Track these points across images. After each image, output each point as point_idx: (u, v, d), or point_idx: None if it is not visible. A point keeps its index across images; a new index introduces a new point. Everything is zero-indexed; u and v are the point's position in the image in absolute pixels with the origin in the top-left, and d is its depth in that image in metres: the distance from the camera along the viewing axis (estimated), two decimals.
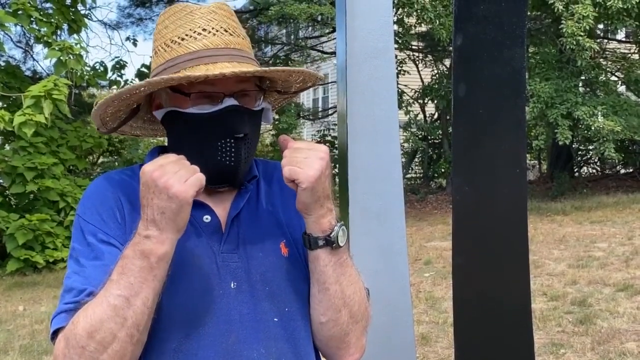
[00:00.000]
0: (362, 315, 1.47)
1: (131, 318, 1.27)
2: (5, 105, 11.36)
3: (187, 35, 1.42)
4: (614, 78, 18.75)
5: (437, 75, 19.61)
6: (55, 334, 1.35)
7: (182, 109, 1.42)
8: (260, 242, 1.45)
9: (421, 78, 20.31)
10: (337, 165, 2.44)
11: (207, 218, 1.44)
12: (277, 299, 1.43)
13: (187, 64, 1.39)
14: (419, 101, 20.38)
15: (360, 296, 1.46)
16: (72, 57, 10.46)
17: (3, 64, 14.02)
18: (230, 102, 1.40)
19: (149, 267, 1.27)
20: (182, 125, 1.44)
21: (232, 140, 1.41)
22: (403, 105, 19.03)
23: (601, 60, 18.05)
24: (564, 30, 14.51)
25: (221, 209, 1.46)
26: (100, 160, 16.97)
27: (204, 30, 1.42)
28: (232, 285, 1.41)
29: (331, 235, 1.39)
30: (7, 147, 12.75)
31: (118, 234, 1.40)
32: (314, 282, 1.44)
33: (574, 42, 14.46)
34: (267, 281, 1.43)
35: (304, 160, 1.34)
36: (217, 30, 1.43)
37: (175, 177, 1.25)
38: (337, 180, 2.31)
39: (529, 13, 15.91)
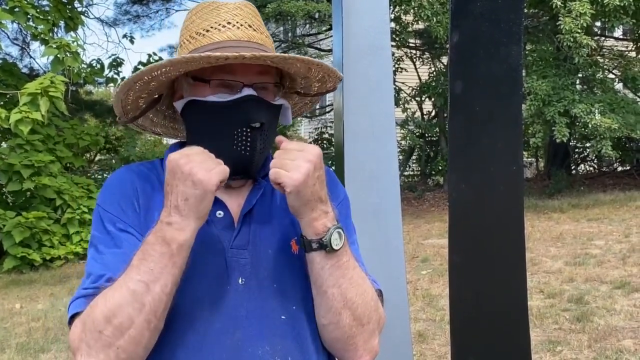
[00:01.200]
0: (368, 318, 1.44)
1: (149, 304, 1.28)
2: (2, 103, 11.33)
3: (212, 27, 1.45)
4: (611, 76, 18.75)
5: (434, 73, 19.61)
6: (72, 318, 1.36)
7: (202, 98, 1.43)
8: (271, 239, 1.45)
9: (418, 76, 20.30)
10: (334, 163, 2.44)
11: (219, 213, 1.45)
12: (285, 297, 1.42)
13: (210, 53, 1.39)
14: (417, 99, 20.36)
15: (364, 299, 1.43)
16: (69, 55, 10.43)
17: (0, 61, 13.99)
18: (248, 91, 1.40)
19: (169, 254, 1.28)
20: (201, 114, 1.45)
21: (248, 130, 1.41)
22: (400, 102, 19.02)
23: (598, 57, 18.04)
24: (562, 27, 14.50)
25: (235, 204, 1.47)
26: (97, 158, 16.96)
27: (229, 23, 1.45)
28: (240, 281, 1.41)
29: (323, 239, 1.36)
30: (3, 144, 12.73)
31: (136, 223, 1.43)
32: (312, 284, 1.42)
33: (572, 39, 14.46)
34: (275, 279, 1.43)
35: (291, 162, 1.32)
36: (241, 25, 1.45)
37: (201, 165, 1.28)
38: None
39: (526, 10, 15.93)
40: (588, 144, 18.39)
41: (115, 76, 13.64)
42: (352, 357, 1.46)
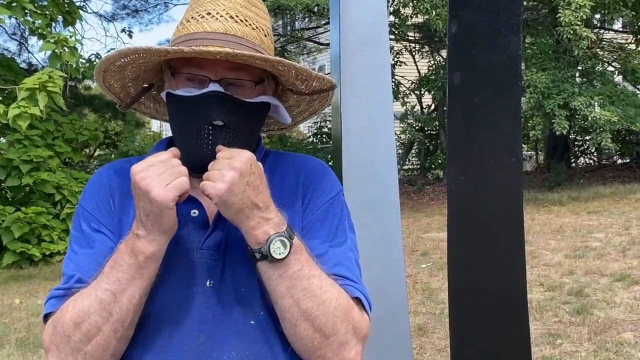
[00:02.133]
0: (333, 329, 1.33)
1: (117, 314, 1.27)
2: (0, 98, 11.30)
3: (192, 17, 1.42)
4: (610, 68, 18.71)
5: (433, 66, 19.59)
6: (46, 317, 1.38)
7: (173, 91, 1.41)
8: (244, 241, 1.36)
9: (418, 69, 20.27)
10: (333, 156, 2.42)
11: (194, 212, 1.41)
12: (254, 302, 1.37)
13: (181, 45, 1.37)
14: (416, 92, 20.34)
15: (325, 309, 1.32)
16: (66, 50, 10.39)
17: None
18: (213, 87, 1.36)
19: (137, 265, 1.27)
20: (173, 108, 1.43)
21: (210, 128, 1.36)
22: (400, 96, 19.00)
23: (598, 50, 18.01)
24: (561, 19, 14.47)
25: (212, 203, 1.40)
26: (96, 153, 16.96)
27: (208, 14, 1.40)
28: (208, 283, 1.37)
29: (262, 249, 1.30)
30: (2, 139, 12.71)
31: (110, 222, 1.41)
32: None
33: (571, 32, 14.43)
34: (244, 282, 1.38)
35: (217, 172, 1.28)
36: (221, 16, 1.39)
37: (156, 180, 1.24)
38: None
39: (525, 3, 15.88)
40: (588, 137, 18.37)
41: None
42: None
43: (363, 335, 1.40)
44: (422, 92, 20.31)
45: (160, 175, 1.25)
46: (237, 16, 1.41)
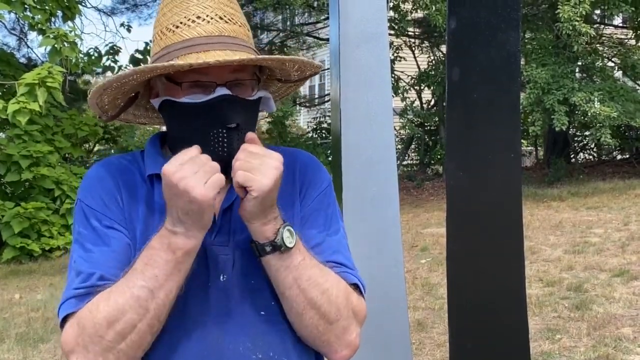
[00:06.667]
0: (337, 315, 1.41)
1: (154, 310, 1.29)
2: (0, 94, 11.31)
3: (181, 23, 1.41)
4: (610, 64, 18.71)
5: (433, 62, 19.58)
6: (64, 319, 1.34)
7: (176, 99, 1.40)
8: (249, 235, 1.40)
9: (417, 64, 20.25)
10: (332, 152, 2.42)
11: None
12: (263, 293, 1.42)
13: (180, 52, 1.38)
14: (415, 88, 20.34)
15: (329, 297, 1.40)
16: (66, 45, 10.38)
17: None
18: (222, 91, 1.37)
19: (175, 261, 1.29)
20: (176, 115, 1.43)
21: (224, 131, 1.38)
22: (399, 91, 18.99)
23: (598, 45, 18.00)
24: (560, 15, 14.46)
25: (216, 200, 1.42)
26: (96, 149, 16.94)
27: (198, 17, 1.40)
28: (221, 278, 1.40)
29: (276, 240, 1.35)
30: (2, 135, 12.71)
31: (120, 218, 1.41)
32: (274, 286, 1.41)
33: (570, 27, 14.42)
34: (252, 275, 1.42)
35: (259, 167, 1.30)
36: (211, 18, 1.41)
37: (194, 178, 1.25)
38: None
39: None
40: (587, 133, 18.38)
41: (112, 64, 13.63)
42: (327, 353, 1.45)
43: (362, 318, 1.48)
44: (422, 88, 20.31)
45: (196, 174, 1.26)
46: (225, 16, 1.42)
